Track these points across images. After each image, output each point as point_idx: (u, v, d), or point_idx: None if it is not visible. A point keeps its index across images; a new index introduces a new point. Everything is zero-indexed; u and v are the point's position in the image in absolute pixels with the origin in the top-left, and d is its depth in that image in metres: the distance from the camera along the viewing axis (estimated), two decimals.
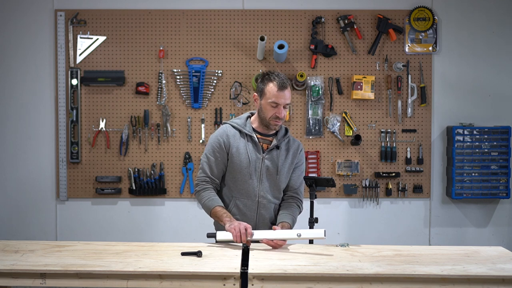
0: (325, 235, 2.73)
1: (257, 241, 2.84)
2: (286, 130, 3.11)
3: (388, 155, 4.61)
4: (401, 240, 4.62)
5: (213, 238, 2.90)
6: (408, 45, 4.61)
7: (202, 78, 4.59)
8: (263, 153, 3.00)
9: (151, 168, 4.61)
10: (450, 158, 4.58)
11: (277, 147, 3.02)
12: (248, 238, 2.75)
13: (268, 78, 2.96)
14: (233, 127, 3.04)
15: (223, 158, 3.00)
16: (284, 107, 2.95)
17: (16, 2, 4.60)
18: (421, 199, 4.68)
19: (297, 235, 2.75)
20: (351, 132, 4.60)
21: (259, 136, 3.03)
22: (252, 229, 2.86)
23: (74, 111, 4.58)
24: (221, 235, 2.84)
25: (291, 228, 2.99)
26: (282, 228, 2.94)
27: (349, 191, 4.61)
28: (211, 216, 3.00)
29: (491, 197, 4.59)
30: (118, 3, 4.60)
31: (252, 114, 3.13)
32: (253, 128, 3.04)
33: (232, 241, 2.81)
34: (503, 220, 4.71)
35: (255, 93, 3.04)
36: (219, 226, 3.08)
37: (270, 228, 2.98)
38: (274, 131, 3.05)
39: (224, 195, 3.06)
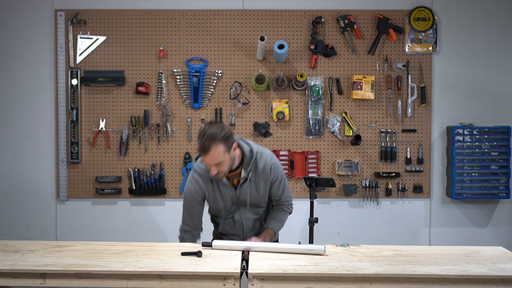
0: (325, 251, 2.73)
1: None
2: (251, 153, 3.06)
3: (388, 155, 4.61)
4: (401, 240, 4.62)
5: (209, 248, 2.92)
6: (408, 45, 4.61)
7: (202, 78, 4.59)
8: (236, 189, 3.07)
9: (151, 168, 4.61)
10: (450, 158, 4.58)
11: (248, 178, 3.07)
12: (250, 248, 2.81)
13: (199, 134, 2.92)
14: (200, 174, 3.08)
15: (200, 203, 3.13)
16: (217, 165, 2.91)
17: (16, 2, 4.60)
18: (421, 199, 4.68)
19: (298, 248, 2.75)
20: (351, 132, 4.60)
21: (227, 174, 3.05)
22: (243, 239, 3.13)
23: (74, 111, 4.58)
24: (217, 244, 2.83)
25: (274, 233, 3.16)
26: (265, 233, 3.12)
27: (349, 191, 4.61)
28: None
29: (491, 197, 4.59)
30: (118, 3, 4.60)
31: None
32: None
33: (228, 250, 2.81)
34: (503, 220, 4.71)
35: None
36: (217, 234, 3.19)
37: (258, 232, 3.19)
38: (238, 163, 3.04)
39: (212, 219, 3.28)
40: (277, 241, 3.27)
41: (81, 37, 4.58)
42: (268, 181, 3.08)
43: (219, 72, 4.60)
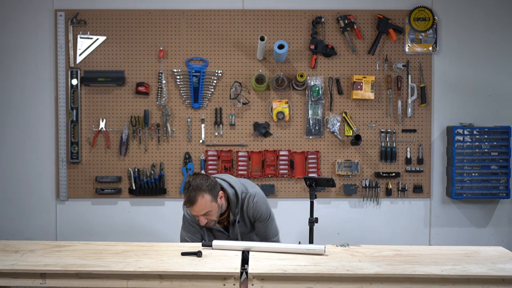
0: (325, 251, 2.73)
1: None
2: (236, 197, 3.14)
3: (388, 155, 4.61)
4: (401, 240, 4.62)
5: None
6: (408, 45, 4.61)
7: (202, 78, 4.59)
8: (227, 232, 3.17)
9: (151, 168, 4.61)
10: (450, 158, 4.58)
11: (236, 221, 3.15)
12: (250, 248, 2.82)
13: (184, 186, 3.03)
14: (192, 220, 3.18)
15: (198, 238, 3.22)
16: (205, 215, 3.01)
17: (16, 2, 4.60)
18: (421, 199, 4.68)
19: (298, 248, 2.75)
20: (351, 132, 4.60)
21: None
22: None
23: (74, 111, 4.58)
24: (217, 244, 2.83)
25: None
26: None
27: (349, 191, 4.61)
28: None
29: (491, 197, 4.59)
30: (118, 3, 4.60)
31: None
32: None
33: (228, 250, 2.82)
34: (503, 220, 4.71)
35: None
36: None
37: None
38: (225, 207, 3.14)
39: None
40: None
41: (81, 37, 4.58)
42: (252, 220, 3.21)
43: (219, 72, 4.60)
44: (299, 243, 2.89)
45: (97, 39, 4.59)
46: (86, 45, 4.58)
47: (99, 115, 4.61)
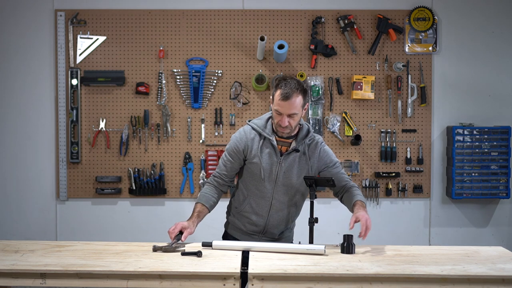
0: (325, 251, 2.72)
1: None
2: (308, 131, 3.01)
3: (388, 155, 4.61)
4: (401, 240, 4.61)
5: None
6: (408, 45, 4.61)
7: (202, 78, 4.59)
8: (281, 156, 2.96)
9: (151, 168, 4.61)
10: (450, 158, 4.58)
11: (296, 150, 2.96)
12: (250, 248, 2.76)
13: (278, 84, 2.89)
14: (253, 128, 2.99)
15: (239, 160, 3.01)
16: (291, 116, 2.86)
17: (16, 2, 4.60)
18: (421, 199, 4.68)
19: (298, 248, 2.74)
20: (351, 132, 4.60)
21: (278, 138, 2.97)
22: (262, 230, 3.01)
23: (74, 111, 4.58)
24: (217, 244, 2.82)
25: (365, 205, 3.00)
26: (360, 205, 2.96)
27: None
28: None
29: (491, 197, 4.59)
30: (118, 3, 4.60)
31: None
32: (273, 130, 2.98)
33: (228, 250, 2.79)
34: (503, 220, 4.71)
35: (271, 96, 2.98)
36: (232, 227, 3.13)
37: (280, 231, 3.08)
38: (295, 133, 2.98)
39: (240, 192, 3.07)
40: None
41: (81, 37, 4.58)
42: (320, 167, 3.02)
43: (219, 72, 4.60)
44: (299, 243, 2.89)
45: (97, 39, 4.59)
46: (86, 45, 4.58)
47: (99, 115, 4.61)
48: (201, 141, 4.61)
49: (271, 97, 2.96)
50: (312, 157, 3.01)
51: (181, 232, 2.81)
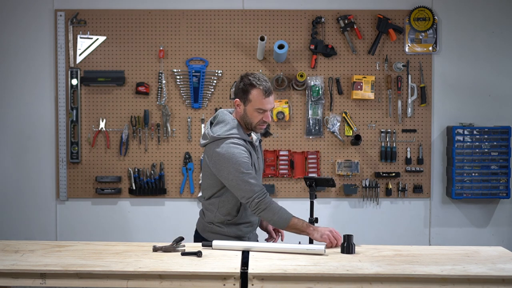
0: (325, 251, 2.72)
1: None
2: None
3: (388, 155, 4.61)
4: (401, 240, 4.61)
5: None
6: (408, 45, 4.61)
7: (202, 78, 4.59)
8: (255, 150, 3.03)
9: (151, 168, 4.61)
10: (450, 158, 4.58)
11: (260, 139, 3.09)
12: (250, 248, 2.77)
13: (251, 83, 2.85)
14: (239, 141, 2.89)
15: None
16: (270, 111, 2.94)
17: (16, 2, 4.60)
18: (421, 199, 4.68)
19: (298, 248, 2.74)
20: (351, 132, 4.60)
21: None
22: (255, 225, 3.09)
23: (74, 111, 4.58)
24: (217, 244, 2.81)
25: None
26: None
27: (349, 191, 4.61)
28: (286, 229, 2.89)
29: (491, 197, 4.59)
30: (118, 3, 4.60)
31: (230, 113, 3.02)
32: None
33: (228, 250, 2.79)
34: (503, 220, 4.71)
35: (237, 99, 2.92)
36: (224, 237, 2.99)
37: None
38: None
39: (229, 204, 2.97)
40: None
41: (81, 37, 4.58)
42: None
43: (219, 72, 4.60)
44: (299, 243, 2.89)
45: (97, 39, 4.59)
46: (86, 45, 4.58)
47: (99, 115, 4.61)
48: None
49: (238, 98, 2.90)
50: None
51: (181, 238, 2.78)
